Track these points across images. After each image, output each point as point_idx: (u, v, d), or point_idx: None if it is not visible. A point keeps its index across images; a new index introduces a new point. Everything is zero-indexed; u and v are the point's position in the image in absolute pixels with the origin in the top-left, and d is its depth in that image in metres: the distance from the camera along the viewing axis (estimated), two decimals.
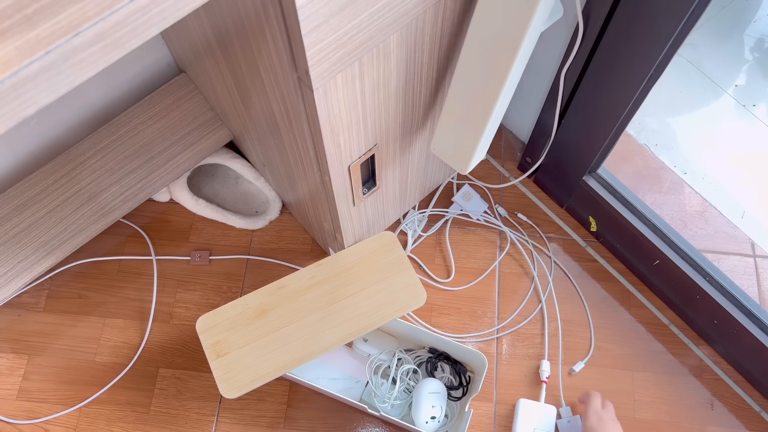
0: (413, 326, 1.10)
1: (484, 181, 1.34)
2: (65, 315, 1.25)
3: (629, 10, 0.83)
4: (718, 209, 1.32)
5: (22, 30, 0.39)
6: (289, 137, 0.88)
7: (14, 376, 1.20)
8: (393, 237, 1.08)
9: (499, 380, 1.18)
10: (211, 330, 1.02)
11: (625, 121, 1.00)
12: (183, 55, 1.17)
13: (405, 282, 1.05)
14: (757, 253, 1.28)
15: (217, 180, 1.36)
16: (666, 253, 1.14)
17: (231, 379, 0.98)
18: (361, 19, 0.65)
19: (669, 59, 0.86)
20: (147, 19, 0.43)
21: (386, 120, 0.88)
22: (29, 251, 1.13)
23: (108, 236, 1.30)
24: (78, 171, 1.19)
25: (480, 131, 0.88)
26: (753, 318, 1.09)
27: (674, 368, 1.19)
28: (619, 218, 1.18)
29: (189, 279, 1.27)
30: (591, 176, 1.20)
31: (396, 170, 1.06)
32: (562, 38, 1.00)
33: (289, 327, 1.02)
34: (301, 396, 1.17)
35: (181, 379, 1.19)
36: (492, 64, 0.78)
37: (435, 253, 1.29)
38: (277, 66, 0.70)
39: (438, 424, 1.09)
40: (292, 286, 1.05)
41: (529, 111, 1.22)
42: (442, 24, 0.78)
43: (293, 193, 1.17)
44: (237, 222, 1.29)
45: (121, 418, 1.16)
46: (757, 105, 1.46)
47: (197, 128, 1.23)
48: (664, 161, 1.38)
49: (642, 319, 1.23)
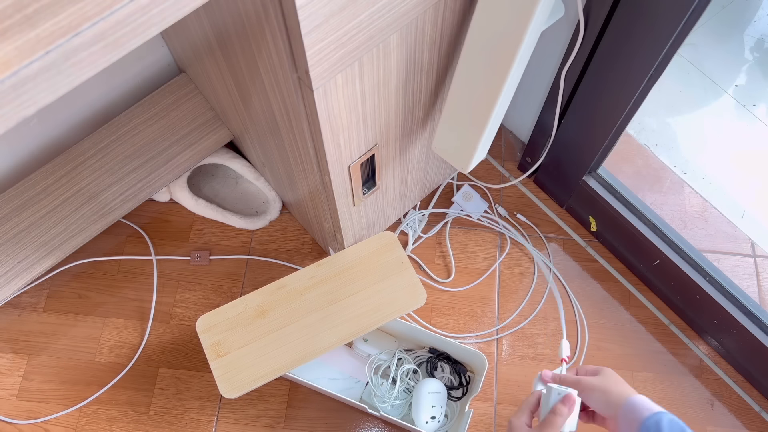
0: (413, 326, 1.10)
1: (484, 181, 1.34)
2: (65, 315, 1.25)
3: (629, 10, 0.83)
4: (718, 209, 1.32)
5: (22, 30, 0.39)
6: (289, 137, 0.88)
7: (14, 376, 1.20)
8: (393, 237, 1.08)
9: (499, 380, 1.18)
10: (211, 330, 1.02)
11: (625, 121, 1.00)
12: (183, 55, 1.17)
13: (405, 282, 1.05)
14: (757, 253, 1.27)
15: (217, 180, 1.36)
16: (666, 253, 1.14)
17: (231, 379, 0.98)
18: (361, 19, 0.65)
19: (669, 59, 0.86)
20: (147, 19, 0.43)
21: (386, 120, 0.88)
22: (29, 251, 1.13)
23: (108, 236, 1.30)
24: (78, 171, 1.19)
25: (481, 130, 0.88)
26: (753, 318, 1.09)
27: (674, 368, 1.19)
28: (619, 218, 1.18)
29: (189, 279, 1.27)
30: (591, 176, 1.20)
31: (396, 170, 1.06)
32: (563, 38, 1.00)
33: (289, 327, 1.02)
34: (301, 396, 1.17)
35: (181, 379, 1.19)
36: (493, 62, 0.78)
37: (435, 253, 1.29)
38: (277, 66, 0.70)
39: (438, 424, 1.09)
40: (292, 286, 1.05)
41: (529, 111, 1.22)
42: (442, 24, 0.78)
43: (293, 193, 1.17)
44: (237, 222, 1.29)
45: (121, 418, 1.16)
46: (757, 105, 1.46)
47: (197, 128, 1.23)
48: (664, 161, 1.38)
49: (642, 319, 1.23)
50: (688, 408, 1.16)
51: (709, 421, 1.15)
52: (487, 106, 0.84)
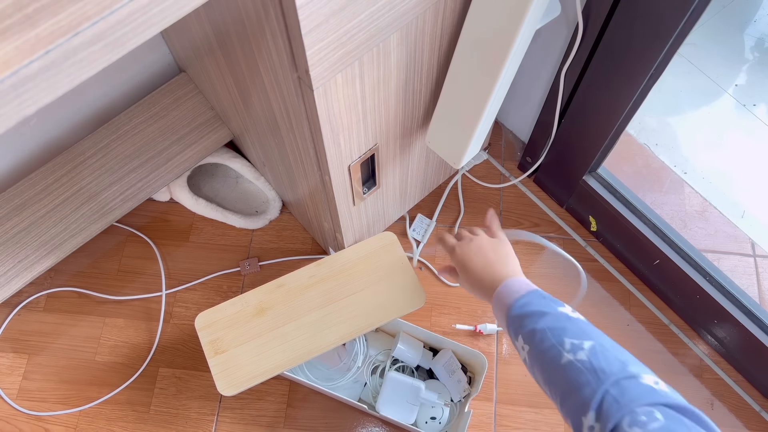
0: (413, 326, 1.10)
1: (484, 180, 1.34)
2: (65, 314, 1.25)
3: (629, 10, 0.83)
4: (718, 209, 1.32)
5: (23, 29, 0.39)
6: (290, 137, 0.88)
7: (14, 376, 1.20)
8: (393, 237, 1.08)
9: (499, 380, 1.18)
10: (210, 327, 1.02)
11: (625, 120, 1.00)
12: (183, 55, 1.17)
13: (405, 282, 1.05)
14: (757, 253, 1.27)
15: (217, 179, 1.36)
16: (666, 252, 1.14)
17: (229, 377, 0.98)
18: (361, 19, 0.65)
19: (669, 59, 0.86)
20: (147, 19, 0.43)
21: (386, 119, 0.88)
22: (29, 251, 1.13)
23: (108, 236, 1.30)
24: (78, 170, 1.19)
25: (473, 126, 0.88)
26: (753, 318, 1.09)
27: (674, 368, 1.19)
28: (619, 218, 1.18)
29: (189, 279, 1.27)
30: (591, 176, 1.20)
31: (396, 170, 1.06)
32: (562, 38, 1.00)
33: (287, 325, 1.02)
34: (301, 396, 1.17)
35: (181, 378, 1.19)
36: (486, 58, 0.78)
37: (436, 254, 1.29)
38: (277, 65, 0.70)
39: (438, 425, 1.09)
40: (292, 285, 1.05)
41: (529, 110, 1.22)
42: (442, 23, 0.78)
43: (293, 193, 1.17)
44: (237, 221, 1.29)
45: (121, 417, 1.16)
46: (757, 105, 1.46)
47: (197, 128, 1.23)
48: (664, 161, 1.38)
49: (642, 319, 1.23)
50: None
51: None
52: (479, 102, 0.84)
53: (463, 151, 0.93)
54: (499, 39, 0.75)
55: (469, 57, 0.81)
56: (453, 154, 0.96)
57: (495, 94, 0.83)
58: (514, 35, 0.73)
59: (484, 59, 0.79)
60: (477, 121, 0.87)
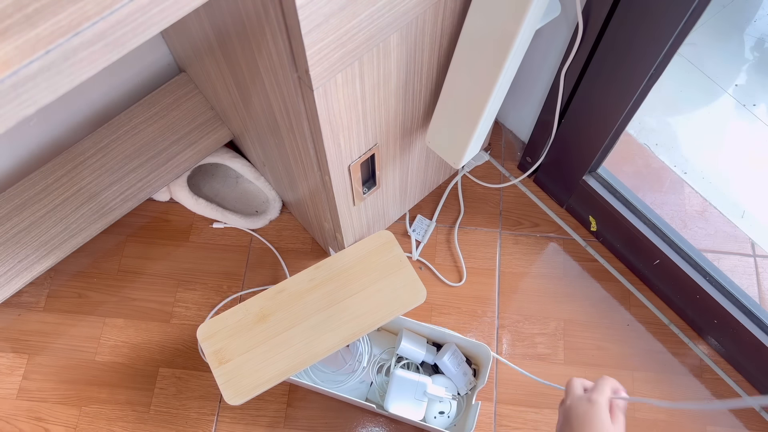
0: (415, 322, 1.10)
1: (484, 180, 1.34)
2: (65, 314, 1.25)
3: (629, 10, 0.83)
4: (718, 209, 1.32)
5: (22, 29, 0.39)
6: (290, 137, 0.88)
7: (14, 376, 1.20)
8: (390, 236, 1.08)
9: (499, 380, 1.18)
10: (213, 337, 1.01)
11: (625, 120, 1.00)
12: (183, 55, 1.17)
13: (404, 280, 1.05)
14: (757, 253, 1.27)
15: (217, 179, 1.36)
16: (666, 252, 1.14)
17: (235, 386, 0.98)
18: (361, 19, 0.65)
19: (669, 59, 0.86)
20: (147, 19, 0.43)
21: (386, 119, 0.88)
22: (29, 251, 1.13)
23: (108, 236, 1.30)
24: (78, 170, 1.19)
25: (473, 125, 0.88)
26: (753, 318, 1.09)
27: (674, 368, 1.19)
28: (619, 218, 1.18)
29: (189, 279, 1.27)
30: (591, 176, 1.20)
31: (396, 170, 1.06)
32: (562, 38, 1.00)
33: (290, 331, 1.01)
34: (301, 395, 1.17)
35: (181, 378, 1.19)
36: (486, 58, 0.78)
37: (436, 254, 1.29)
38: (277, 65, 0.70)
39: (447, 419, 1.09)
40: (292, 290, 1.05)
41: (529, 110, 1.22)
42: (442, 23, 0.78)
43: (293, 193, 1.17)
44: (237, 221, 1.29)
45: (121, 417, 1.16)
46: (757, 105, 1.46)
47: (197, 127, 1.23)
48: (664, 161, 1.38)
49: (642, 319, 1.23)
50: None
51: (709, 420, 1.15)
52: (479, 102, 0.84)
53: (463, 151, 0.93)
54: (499, 39, 0.75)
55: (469, 57, 0.81)
56: (453, 154, 0.96)
57: (495, 94, 0.83)
58: (514, 35, 0.73)
59: (484, 59, 0.79)
60: (477, 121, 0.87)
